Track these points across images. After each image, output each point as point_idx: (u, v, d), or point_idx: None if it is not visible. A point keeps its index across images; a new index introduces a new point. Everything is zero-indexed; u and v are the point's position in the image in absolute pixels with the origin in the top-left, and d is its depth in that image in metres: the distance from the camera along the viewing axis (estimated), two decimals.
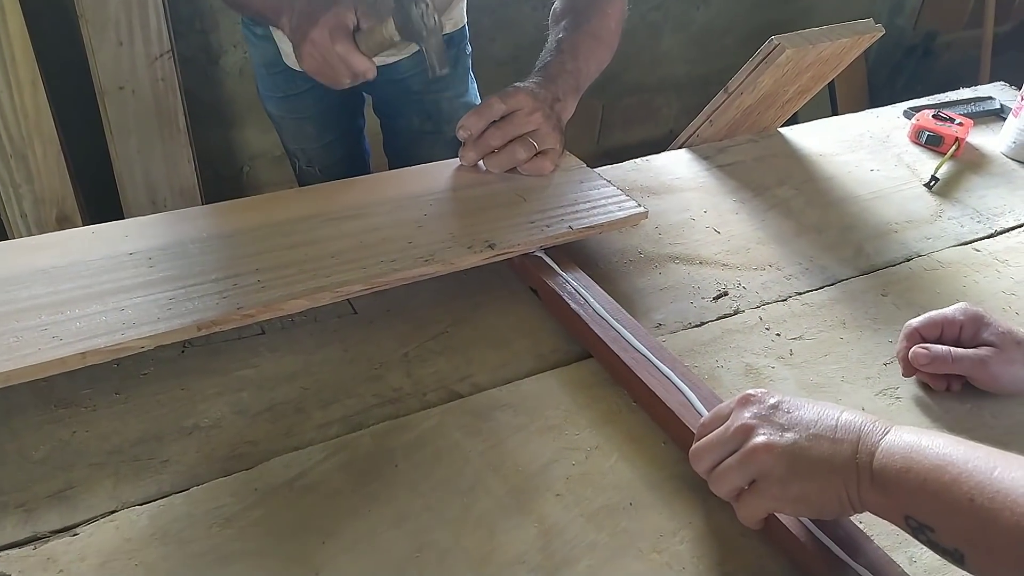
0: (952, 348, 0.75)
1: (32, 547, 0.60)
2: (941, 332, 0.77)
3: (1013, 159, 1.21)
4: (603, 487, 0.66)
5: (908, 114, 1.31)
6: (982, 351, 0.74)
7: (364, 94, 1.40)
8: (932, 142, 1.22)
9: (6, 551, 0.59)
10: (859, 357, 0.81)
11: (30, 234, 1.78)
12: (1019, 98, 1.20)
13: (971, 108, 1.33)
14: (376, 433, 0.70)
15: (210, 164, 2.11)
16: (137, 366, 0.75)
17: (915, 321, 0.78)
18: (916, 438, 0.54)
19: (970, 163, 1.19)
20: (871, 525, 0.62)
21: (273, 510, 0.63)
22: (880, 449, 0.54)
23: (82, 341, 0.69)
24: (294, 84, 1.32)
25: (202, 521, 0.61)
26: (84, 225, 1.79)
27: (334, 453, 0.68)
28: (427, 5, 0.89)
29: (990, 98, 1.37)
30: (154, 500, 0.63)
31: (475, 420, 0.72)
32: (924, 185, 1.13)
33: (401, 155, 1.42)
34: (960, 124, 1.22)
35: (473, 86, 1.42)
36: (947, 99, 1.37)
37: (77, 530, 0.61)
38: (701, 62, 2.83)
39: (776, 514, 0.60)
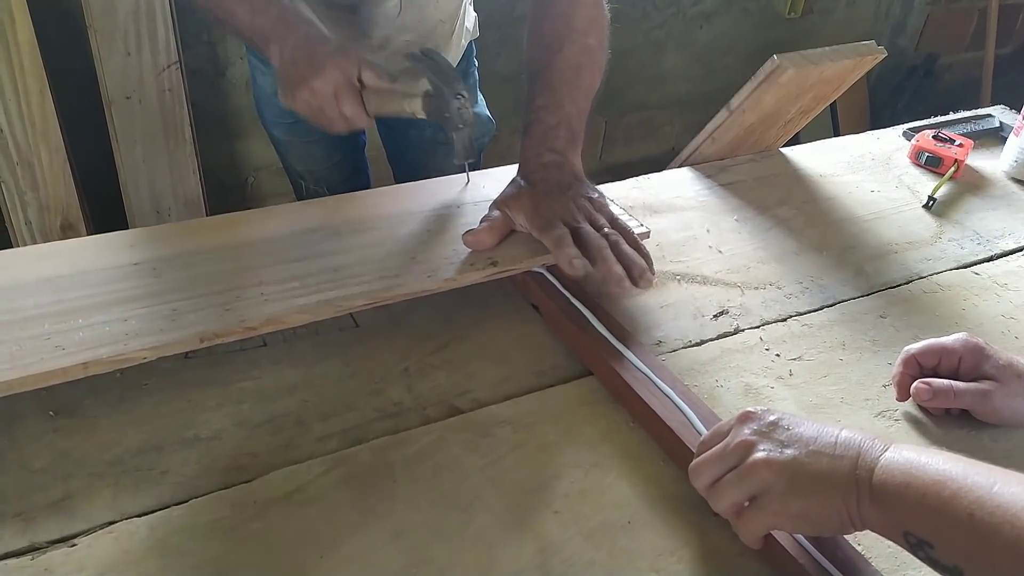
0: (954, 383, 0.75)
1: (30, 557, 0.60)
2: (939, 361, 0.77)
3: (1015, 179, 1.22)
4: (602, 505, 0.66)
5: (908, 135, 1.31)
6: (983, 385, 0.74)
7: None
8: (932, 163, 1.22)
9: (3, 561, 0.60)
10: (859, 379, 0.82)
11: (34, 241, 1.78)
12: (1020, 117, 1.21)
13: (971, 127, 1.34)
14: (375, 447, 0.70)
15: (215, 174, 2.11)
16: (139, 376, 0.76)
17: (914, 347, 0.78)
18: (915, 454, 0.54)
19: (970, 184, 1.20)
20: (869, 548, 0.63)
21: (272, 523, 0.63)
22: (880, 465, 0.54)
23: (85, 351, 0.70)
24: None
25: (201, 533, 0.62)
26: (88, 233, 1.81)
27: (333, 467, 0.68)
28: (464, 98, 0.88)
29: (989, 116, 1.37)
30: (153, 511, 0.64)
31: (475, 436, 0.72)
32: (923, 206, 1.14)
33: (412, 166, 1.42)
34: (960, 145, 1.23)
35: (481, 98, 1.43)
36: (947, 120, 1.38)
37: (75, 540, 0.61)
38: (703, 80, 2.85)
39: (775, 535, 0.61)
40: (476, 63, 1.41)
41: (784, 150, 1.27)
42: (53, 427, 0.71)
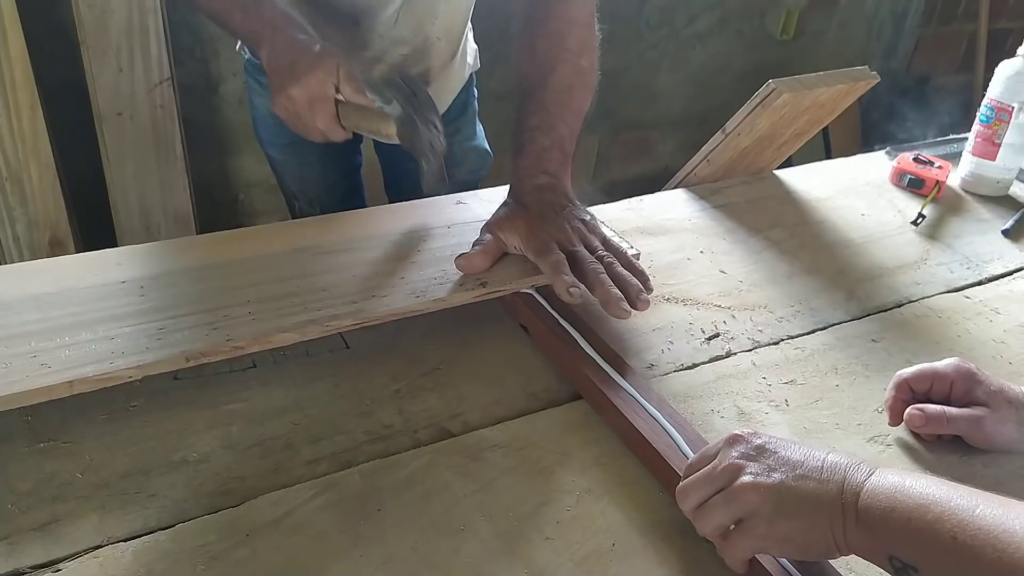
0: (947, 409, 0.75)
1: None
2: (931, 386, 0.77)
3: (967, 191, 1.26)
4: (593, 531, 0.65)
5: (891, 154, 1.33)
6: (976, 411, 0.74)
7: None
8: (914, 184, 1.24)
9: None
10: (851, 403, 0.81)
11: (22, 257, 1.77)
12: (971, 136, 1.25)
13: (949, 150, 1.36)
14: (365, 472, 0.70)
15: (205, 191, 2.11)
16: (126, 398, 0.75)
17: (906, 372, 0.78)
18: (900, 479, 0.55)
19: (953, 207, 1.21)
20: (862, 575, 0.62)
21: (259, 550, 0.62)
22: (865, 489, 0.55)
23: (70, 370, 0.69)
24: None
25: (187, 559, 0.60)
26: (76, 249, 1.80)
27: (322, 492, 0.67)
28: (438, 128, 0.86)
29: (966, 139, 1.39)
30: (139, 536, 0.62)
31: (466, 460, 0.71)
32: (911, 223, 1.14)
33: (407, 196, 1.41)
34: (940, 167, 1.24)
35: (481, 130, 1.42)
36: (926, 142, 1.40)
37: (60, 566, 0.60)
38: (697, 100, 2.86)
39: (760, 559, 0.60)
40: (476, 93, 1.40)
41: (777, 172, 1.28)
42: (40, 449, 0.70)
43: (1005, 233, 1.14)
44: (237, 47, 1.31)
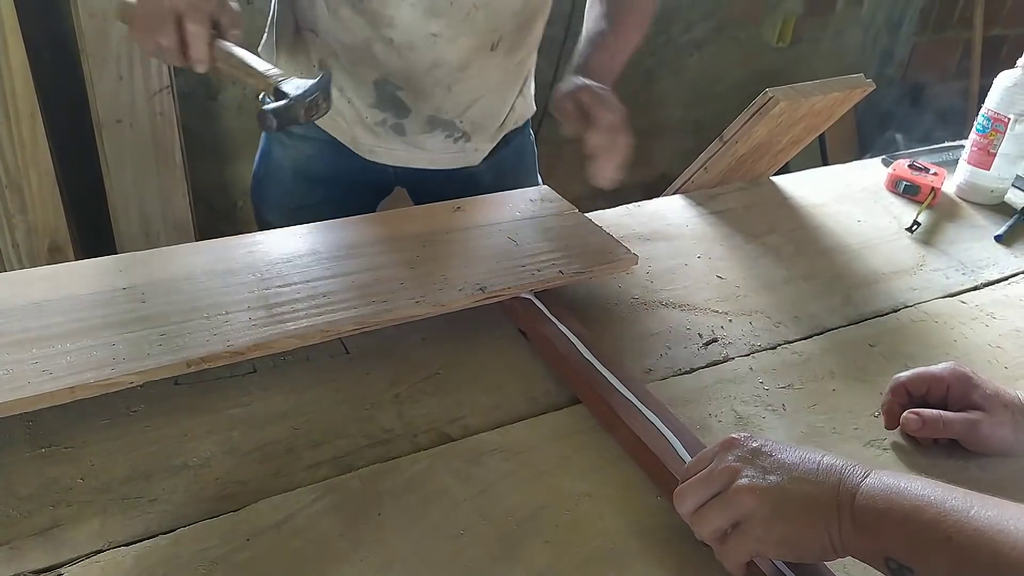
0: (943, 413, 0.75)
1: None
2: (928, 389, 0.77)
3: (962, 198, 1.27)
4: (592, 535, 0.66)
5: (886, 162, 1.34)
6: (972, 415, 0.75)
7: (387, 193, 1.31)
8: (909, 191, 1.25)
9: None
10: (848, 407, 0.82)
11: (21, 264, 1.77)
12: (968, 145, 1.26)
13: (944, 157, 1.37)
14: (365, 476, 0.70)
15: (204, 198, 2.11)
16: (128, 403, 0.75)
17: (902, 376, 0.78)
18: (896, 480, 0.55)
19: (949, 213, 1.22)
20: None
21: (260, 554, 0.62)
22: (861, 491, 0.55)
23: (72, 375, 0.69)
24: (313, 193, 1.24)
25: (188, 564, 0.61)
26: (75, 256, 1.80)
27: (323, 495, 0.68)
28: (319, 107, 0.87)
29: (961, 147, 1.40)
30: (141, 540, 0.63)
31: (465, 464, 0.72)
32: (906, 229, 1.15)
33: None
34: (935, 174, 1.25)
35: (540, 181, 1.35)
36: (921, 150, 1.41)
37: (62, 570, 0.60)
38: (694, 107, 2.87)
39: (757, 561, 0.61)
40: (533, 135, 1.34)
41: (774, 179, 1.28)
42: (42, 454, 0.70)
43: (998, 239, 1.15)
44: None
